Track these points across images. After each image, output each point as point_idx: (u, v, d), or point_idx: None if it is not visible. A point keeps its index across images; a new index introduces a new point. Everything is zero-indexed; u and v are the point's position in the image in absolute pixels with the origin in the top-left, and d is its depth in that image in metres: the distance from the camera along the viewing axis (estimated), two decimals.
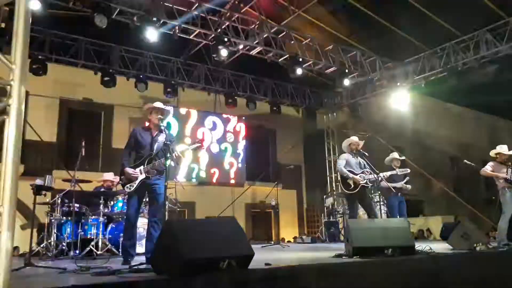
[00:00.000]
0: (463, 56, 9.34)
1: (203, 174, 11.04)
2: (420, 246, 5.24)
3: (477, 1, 8.02)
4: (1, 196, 1.65)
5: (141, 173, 4.46)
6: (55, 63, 9.05)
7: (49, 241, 5.93)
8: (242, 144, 12.03)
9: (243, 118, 12.10)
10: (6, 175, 1.65)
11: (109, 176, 7.12)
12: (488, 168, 6.49)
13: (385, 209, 7.76)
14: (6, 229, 1.64)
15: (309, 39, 9.67)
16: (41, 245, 5.99)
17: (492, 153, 6.63)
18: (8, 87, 1.77)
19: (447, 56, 9.61)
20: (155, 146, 4.54)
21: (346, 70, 10.02)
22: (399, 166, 6.99)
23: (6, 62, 1.75)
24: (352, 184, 6.00)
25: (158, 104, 4.69)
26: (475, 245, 5.49)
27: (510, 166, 6.33)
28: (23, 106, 1.75)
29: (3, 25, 6.82)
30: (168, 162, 4.41)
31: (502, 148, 6.55)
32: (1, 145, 1.74)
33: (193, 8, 8.13)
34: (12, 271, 1.79)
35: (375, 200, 8.31)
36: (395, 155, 7.24)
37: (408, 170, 7.01)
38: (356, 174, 6.05)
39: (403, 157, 7.44)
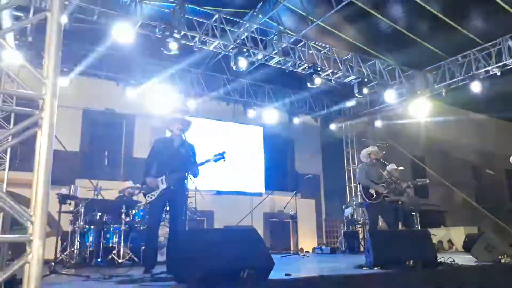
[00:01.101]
0: (485, 64, 9.19)
1: (221, 183, 11.10)
2: (442, 257, 5.15)
3: (499, 8, 7.90)
4: (33, 205, 1.72)
5: (162, 183, 4.54)
6: (79, 75, 9.29)
7: (72, 249, 6.06)
8: (260, 153, 12.06)
9: (261, 127, 12.15)
10: (38, 185, 1.72)
11: (128, 184, 7.25)
12: None
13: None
14: (38, 237, 1.70)
15: (328, 48, 9.70)
16: (65, 253, 6.12)
17: None
18: (41, 100, 1.85)
19: (468, 64, 9.48)
20: (177, 157, 4.62)
21: (365, 79, 9.98)
22: (398, 177, 6.88)
23: (39, 77, 1.83)
24: (374, 194, 5.96)
25: (179, 115, 4.78)
26: (499, 257, 5.36)
27: None
28: (54, 119, 1.83)
29: (30, 39, 7.05)
30: (189, 172, 4.49)
31: None
32: (33, 156, 1.81)
33: (212, 20, 8.26)
34: None
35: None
36: (393, 166, 7.12)
37: (427, 180, 6.89)
38: (377, 184, 6.01)
39: (402, 168, 7.32)
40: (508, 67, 8.93)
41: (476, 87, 9.22)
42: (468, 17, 8.60)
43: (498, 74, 9.05)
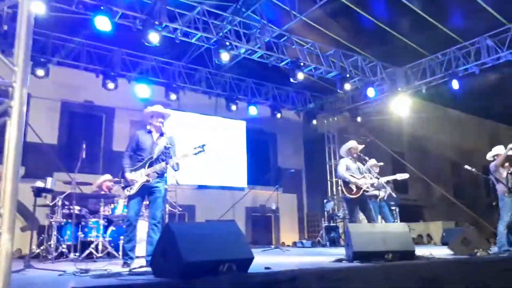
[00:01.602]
0: (464, 62, 9.35)
1: (203, 177, 11.03)
2: (421, 251, 5.24)
3: (478, 7, 8.03)
4: (2, 198, 1.65)
5: (141, 176, 4.47)
6: (57, 66, 9.07)
7: (49, 243, 5.93)
8: (242, 147, 12.03)
9: (244, 121, 12.11)
10: (7, 177, 1.65)
11: (106, 177, 7.12)
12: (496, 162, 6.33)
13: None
14: (6, 231, 1.64)
15: (310, 43, 9.70)
16: (41, 247, 5.99)
17: (490, 155, 6.59)
18: (10, 88, 1.78)
19: (448, 61, 9.62)
20: (156, 150, 4.56)
21: (347, 75, 10.03)
22: (378, 172, 6.89)
23: (8, 64, 1.76)
24: (354, 189, 6.00)
25: (159, 108, 4.71)
26: (475, 250, 5.49)
27: (509, 171, 6.29)
28: (24, 108, 1.76)
29: (5, 27, 6.85)
30: (168, 165, 4.43)
31: (499, 149, 6.51)
32: (2, 147, 1.74)
33: (195, 12, 8.16)
34: (12, 273, 1.79)
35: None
36: (373, 161, 7.15)
37: (407, 175, 6.96)
38: (358, 179, 6.05)
39: (381, 163, 7.37)
40: (486, 66, 9.10)
41: (455, 84, 9.37)
42: (448, 15, 8.72)
43: (477, 72, 9.22)
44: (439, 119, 13.67)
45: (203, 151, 4.52)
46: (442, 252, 5.97)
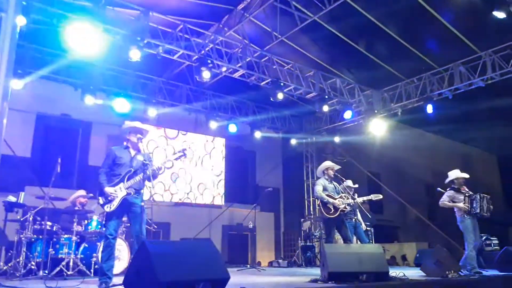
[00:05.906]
0: (438, 87, 9.70)
1: (179, 194, 10.92)
2: (394, 272, 5.31)
3: (452, 35, 8.37)
4: None
5: (121, 190, 4.41)
6: (34, 78, 8.91)
7: (18, 260, 5.74)
8: (221, 165, 12.01)
9: (223, 139, 12.12)
10: None
11: (80, 193, 7.00)
12: (445, 199, 6.65)
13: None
14: None
15: (291, 64, 9.87)
16: (9, 264, 5.79)
17: (447, 180, 6.84)
18: None
19: (423, 86, 9.95)
20: (135, 163, 4.52)
21: (326, 96, 10.22)
22: (353, 192, 6.94)
23: None
24: (332, 209, 6.06)
25: (137, 124, 4.69)
26: (447, 272, 5.59)
27: (467, 194, 6.50)
28: (5, 121, 1.74)
29: None
30: (146, 181, 4.40)
31: (456, 173, 6.77)
32: None
33: (177, 29, 8.21)
34: None
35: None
36: (349, 182, 7.17)
37: (381, 196, 7.04)
38: (335, 199, 6.12)
39: (356, 185, 7.42)
40: (459, 91, 9.46)
41: (429, 109, 9.68)
42: (424, 42, 9.05)
43: (450, 97, 9.57)
44: (415, 141, 13.98)
45: (184, 155, 4.50)
46: (415, 273, 6.06)
